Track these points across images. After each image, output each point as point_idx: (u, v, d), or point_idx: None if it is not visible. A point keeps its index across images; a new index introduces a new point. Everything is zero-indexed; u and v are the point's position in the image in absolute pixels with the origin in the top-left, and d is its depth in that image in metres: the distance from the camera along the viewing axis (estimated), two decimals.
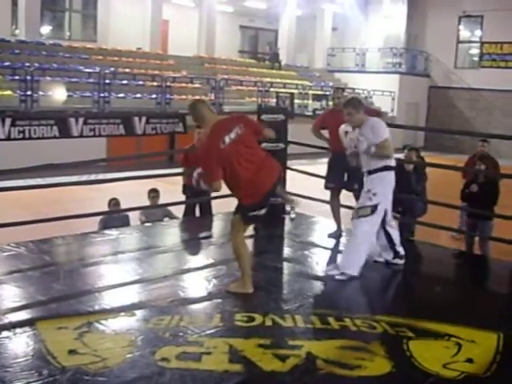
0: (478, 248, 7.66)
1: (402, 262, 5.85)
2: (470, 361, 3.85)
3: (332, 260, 5.99)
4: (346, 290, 5.27)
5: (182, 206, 8.16)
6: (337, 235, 6.91)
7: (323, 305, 4.84)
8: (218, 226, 7.68)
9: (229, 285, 4.98)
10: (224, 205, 7.04)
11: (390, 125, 7.10)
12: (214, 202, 7.98)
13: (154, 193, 8.42)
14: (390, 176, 5.56)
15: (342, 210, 7.00)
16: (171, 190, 6.43)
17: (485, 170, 7.82)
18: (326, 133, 6.94)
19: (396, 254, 5.86)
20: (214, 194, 7.51)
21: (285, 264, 5.98)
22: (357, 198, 6.73)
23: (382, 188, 5.50)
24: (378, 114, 6.86)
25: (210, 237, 6.94)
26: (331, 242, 6.74)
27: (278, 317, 4.39)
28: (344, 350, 3.95)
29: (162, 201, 8.35)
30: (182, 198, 8.21)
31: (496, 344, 4.12)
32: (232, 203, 5.78)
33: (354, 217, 5.58)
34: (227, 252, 6.28)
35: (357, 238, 5.52)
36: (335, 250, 6.52)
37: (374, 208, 5.47)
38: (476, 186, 7.57)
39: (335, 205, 6.92)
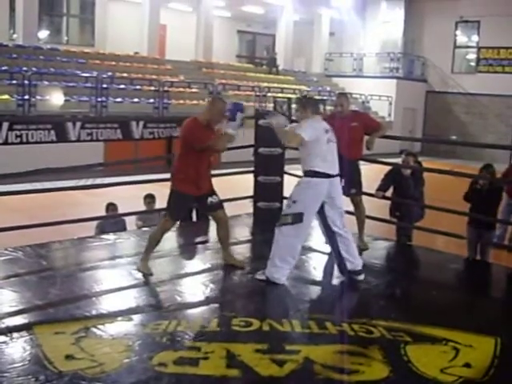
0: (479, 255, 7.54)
1: (359, 278, 5.47)
2: (467, 365, 3.85)
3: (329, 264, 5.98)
4: (343, 295, 5.27)
5: None
6: None
7: (320, 310, 4.83)
8: (214, 231, 7.68)
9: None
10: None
11: (387, 136, 7.16)
12: None
13: (149, 198, 8.41)
14: (317, 184, 5.20)
15: None
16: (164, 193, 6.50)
17: (484, 176, 7.66)
18: None
19: (341, 267, 5.48)
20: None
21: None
22: (354, 202, 6.75)
23: (305, 196, 5.18)
24: (378, 125, 6.88)
25: (206, 241, 6.94)
26: (328, 247, 6.73)
27: (276, 322, 4.38)
28: (341, 354, 3.94)
29: (159, 205, 8.34)
30: None
31: (493, 348, 4.12)
32: (228, 208, 5.78)
33: (276, 224, 5.28)
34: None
35: (280, 248, 5.23)
36: (332, 255, 6.52)
37: (296, 217, 5.15)
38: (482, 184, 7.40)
39: None
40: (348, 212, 6.95)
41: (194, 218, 8.31)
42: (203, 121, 5.36)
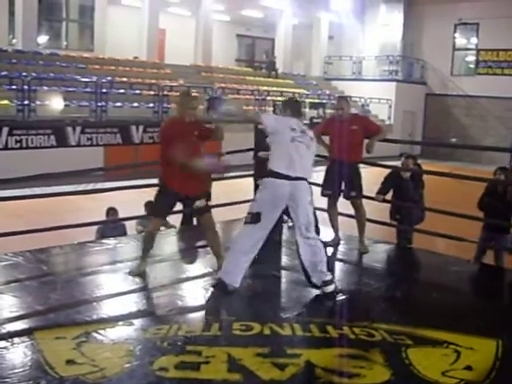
0: (493, 260, 7.43)
1: (328, 289, 5.11)
2: (469, 368, 3.85)
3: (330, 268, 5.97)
4: (343, 298, 5.26)
5: (180, 216, 8.14)
6: (335, 243, 6.90)
7: (321, 313, 4.82)
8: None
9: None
10: (221, 214, 7.06)
11: (387, 140, 7.17)
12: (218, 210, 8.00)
13: (150, 204, 8.35)
14: (273, 185, 4.99)
15: (341, 217, 6.99)
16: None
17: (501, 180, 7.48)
18: (326, 139, 6.93)
19: (308, 278, 5.22)
20: (211, 203, 7.61)
21: (283, 272, 5.96)
22: (354, 205, 6.76)
23: (261, 196, 5.06)
24: (378, 128, 6.88)
25: (207, 245, 6.93)
26: (329, 250, 6.73)
27: (277, 325, 4.38)
28: (343, 358, 3.94)
29: None
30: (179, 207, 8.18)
31: (495, 351, 4.11)
32: (229, 212, 5.79)
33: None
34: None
35: (234, 249, 5.13)
36: (333, 258, 6.52)
37: (254, 217, 4.99)
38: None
39: (333, 212, 6.91)
40: (348, 215, 6.98)
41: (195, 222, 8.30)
42: (178, 117, 5.55)
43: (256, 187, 7.59)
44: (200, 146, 5.52)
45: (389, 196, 7.54)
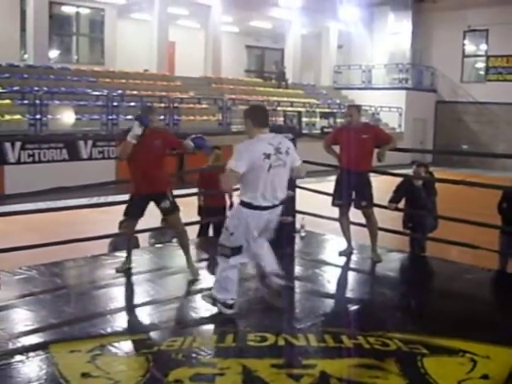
0: None
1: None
2: (485, 377, 3.81)
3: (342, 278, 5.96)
4: (358, 308, 5.25)
5: (194, 227, 8.14)
6: (348, 253, 6.89)
7: (336, 323, 4.81)
8: None
9: None
10: None
11: (398, 149, 7.15)
12: None
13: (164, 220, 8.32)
14: (254, 217, 4.63)
15: (352, 227, 6.98)
16: (182, 210, 6.47)
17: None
18: (336, 149, 6.93)
19: (263, 285, 5.02)
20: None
21: (296, 283, 5.95)
22: (365, 214, 6.74)
23: (241, 229, 4.68)
24: (389, 138, 6.88)
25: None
26: (342, 260, 6.73)
27: (291, 336, 4.37)
28: (358, 368, 3.92)
29: None
30: (193, 219, 8.19)
31: (511, 359, 4.08)
32: None
33: (217, 252, 4.88)
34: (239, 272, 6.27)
35: (220, 277, 4.85)
36: (346, 268, 6.51)
37: (235, 251, 4.71)
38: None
39: (344, 222, 6.90)
40: (360, 224, 6.96)
41: (211, 233, 8.36)
42: None
43: None
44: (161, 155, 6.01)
45: (401, 204, 7.52)
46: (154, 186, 5.89)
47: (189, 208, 8.39)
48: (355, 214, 6.91)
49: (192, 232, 8.20)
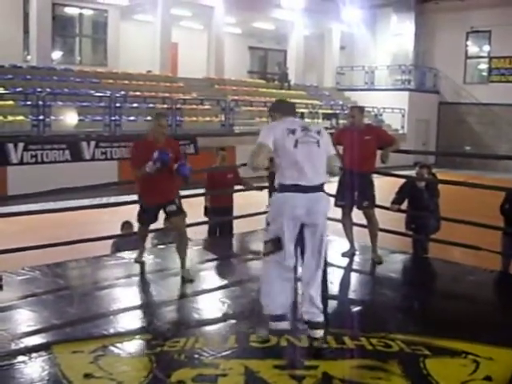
0: None
1: (315, 334, 4.26)
2: (488, 378, 3.81)
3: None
4: (360, 309, 5.24)
5: (199, 228, 8.11)
6: (350, 254, 6.89)
7: (338, 324, 4.80)
8: (234, 248, 7.75)
9: None
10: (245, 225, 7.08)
11: (401, 151, 7.15)
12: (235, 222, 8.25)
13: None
14: (286, 200, 4.16)
15: (355, 228, 6.97)
16: (187, 211, 6.50)
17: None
18: (339, 150, 6.92)
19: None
20: (235, 214, 8.30)
21: (298, 284, 5.94)
22: (366, 215, 6.74)
23: (274, 216, 4.24)
24: (392, 139, 6.88)
25: (224, 258, 6.96)
26: (345, 261, 6.72)
27: (293, 337, 4.36)
28: (360, 369, 3.92)
29: None
30: (199, 219, 8.17)
31: None
32: (245, 223, 5.79)
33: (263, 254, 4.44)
34: (241, 273, 6.29)
35: (264, 282, 4.44)
36: (349, 269, 6.50)
37: (276, 244, 4.22)
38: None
39: (347, 223, 6.90)
40: (361, 225, 6.96)
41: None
42: (149, 138, 6.03)
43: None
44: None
45: (404, 206, 7.51)
46: (167, 197, 5.98)
47: (194, 209, 8.39)
48: (357, 215, 6.91)
49: (198, 233, 8.23)
